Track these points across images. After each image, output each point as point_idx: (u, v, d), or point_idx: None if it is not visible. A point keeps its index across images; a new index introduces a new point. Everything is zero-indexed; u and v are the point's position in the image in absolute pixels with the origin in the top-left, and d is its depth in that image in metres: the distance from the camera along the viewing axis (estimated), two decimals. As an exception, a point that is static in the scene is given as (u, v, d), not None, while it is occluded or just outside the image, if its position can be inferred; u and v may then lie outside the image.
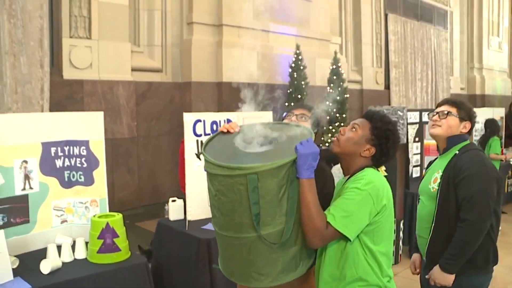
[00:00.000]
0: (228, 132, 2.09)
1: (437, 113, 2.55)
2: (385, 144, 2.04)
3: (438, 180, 2.47)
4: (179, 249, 3.57)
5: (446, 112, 2.53)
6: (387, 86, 11.99)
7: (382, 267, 1.96)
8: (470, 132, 2.56)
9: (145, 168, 7.22)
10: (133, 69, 6.93)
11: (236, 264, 1.97)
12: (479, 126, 7.36)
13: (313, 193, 1.86)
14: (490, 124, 7.03)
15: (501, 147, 7.98)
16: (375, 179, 1.96)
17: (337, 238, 1.91)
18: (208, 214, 3.84)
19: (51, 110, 6.04)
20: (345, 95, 8.09)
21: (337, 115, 7.87)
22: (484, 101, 15.72)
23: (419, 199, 2.68)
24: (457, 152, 2.47)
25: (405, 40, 12.65)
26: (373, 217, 1.91)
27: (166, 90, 7.40)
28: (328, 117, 7.97)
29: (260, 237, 1.82)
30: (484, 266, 2.47)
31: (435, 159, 2.72)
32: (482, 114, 7.70)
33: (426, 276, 2.52)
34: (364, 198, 1.89)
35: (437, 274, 2.41)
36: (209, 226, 3.65)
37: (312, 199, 1.85)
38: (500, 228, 6.48)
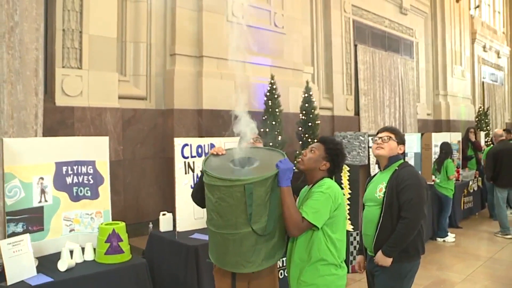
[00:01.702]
0: (217, 154, 2.72)
1: (380, 138, 3.24)
2: (336, 159, 2.80)
3: (383, 190, 3.13)
4: (170, 255, 4.10)
5: (388, 137, 3.22)
6: (357, 113, 12.65)
7: (338, 250, 2.65)
8: (403, 153, 3.27)
9: (130, 189, 7.64)
10: (120, 97, 7.37)
11: (229, 255, 2.57)
12: (437, 149, 8.11)
13: (291, 197, 2.56)
14: (445, 147, 7.79)
15: (458, 168, 8.77)
16: (332, 185, 2.69)
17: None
18: (194, 226, 4.42)
19: (44, 134, 6.45)
20: (316, 121, 8.67)
21: (309, 140, 8.43)
22: (449, 125, 16.54)
23: (364, 206, 3.33)
24: (397, 168, 3.17)
25: (374, 69, 13.32)
26: (332, 212, 2.61)
27: (150, 116, 7.88)
28: (300, 142, 8.58)
29: (252, 231, 2.45)
30: (415, 255, 3.15)
31: (375, 174, 3.40)
32: (441, 138, 8.46)
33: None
34: (326, 198, 2.60)
35: (380, 257, 3.08)
36: (196, 236, 4.20)
37: (291, 201, 2.54)
38: (454, 240, 7.23)
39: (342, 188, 5.51)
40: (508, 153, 7.80)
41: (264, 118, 7.96)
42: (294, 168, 2.62)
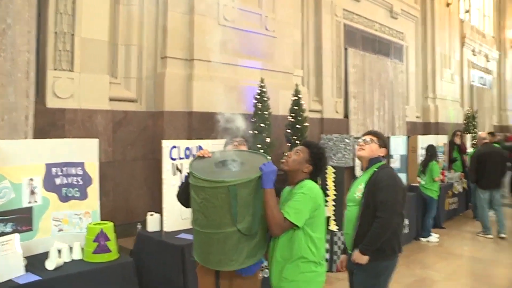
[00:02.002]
0: (203, 156, 2.83)
1: (363, 140, 3.37)
2: (319, 163, 2.93)
3: (362, 190, 3.26)
4: (157, 254, 4.20)
5: (369, 139, 3.35)
6: (346, 115, 12.73)
7: (318, 248, 2.79)
8: (385, 156, 3.40)
9: (119, 190, 7.69)
10: (110, 99, 7.42)
11: (213, 254, 2.69)
12: (423, 152, 8.28)
13: (274, 198, 2.67)
14: (430, 149, 7.96)
15: (443, 169, 8.94)
16: (313, 187, 2.83)
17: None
18: (181, 226, 4.52)
19: (34, 136, 6.48)
20: (305, 124, 8.77)
21: (297, 142, 8.51)
22: (438, 128, 16.67)
23: (346, 206, 3.45)
24: (376, 169, 3.30)
25: (364, 72, 13.38)
26: (312, 212, 2.74)
27: (141, 118, 7.94)
28: (289, 144, 8.69)
29: (236, 230, 2.57)
30: (391, 254, 3.27)
31: (359, 176, 3.52)
32: (427, 141, 8.62)
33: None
34: (307, 199, 2.73)
35: (356, 255, 3.22)
36: (182, 235, 4.30)
37: (274, 203, 2.66)
38: (438, 240, 7.39)
39: (327, 189, 5.64)
40: (491, 156, 7.98)
41: (253, 120, 8.05)
42: (277, 170, 2.74)
